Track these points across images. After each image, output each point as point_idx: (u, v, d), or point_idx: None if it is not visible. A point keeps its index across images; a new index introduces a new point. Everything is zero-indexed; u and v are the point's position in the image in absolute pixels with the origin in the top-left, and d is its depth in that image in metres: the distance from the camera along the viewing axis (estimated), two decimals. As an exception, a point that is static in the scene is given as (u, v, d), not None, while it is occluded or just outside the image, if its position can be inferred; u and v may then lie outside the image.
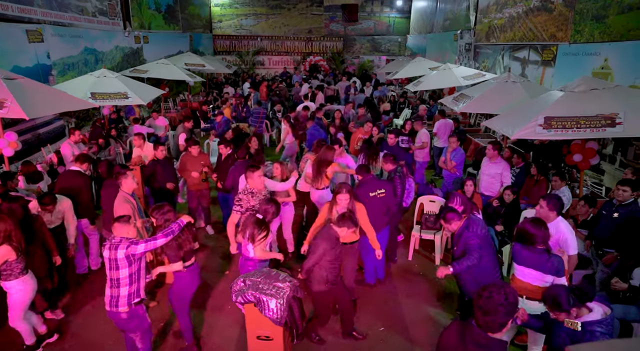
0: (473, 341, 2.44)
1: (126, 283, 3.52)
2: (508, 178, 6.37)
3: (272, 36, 23.71)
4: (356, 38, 24.03)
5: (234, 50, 23.53)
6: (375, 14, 23.68)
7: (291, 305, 3.53)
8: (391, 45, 24.08)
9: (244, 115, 11.36)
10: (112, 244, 3.50)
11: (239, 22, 23.58)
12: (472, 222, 4.05)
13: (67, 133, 9.58)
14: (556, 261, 3.61)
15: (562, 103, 5.32)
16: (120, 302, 3.54)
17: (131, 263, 3.51)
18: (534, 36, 10.34)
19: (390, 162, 5.80)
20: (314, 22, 23.75)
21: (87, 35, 11.28)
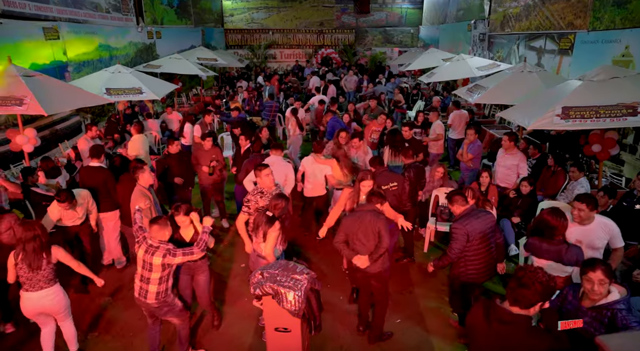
0: (497, 319, 2.49)
1: (156, 283, 3.66)
2: (525, 169, 6.29)
3: (284, 29, 23.63)
4: (368, 30, 23.83)
5: (246, 44, 23.52)
6: (387, 5, 23.43)
7: (309, 297, 3.55)
8: (403, 36, 23.83)
9: (257, 109, 11.37)
10: (150, 248, 3.62)
11: (250, 16, 23.55)
12: (470, 213, 4.01)
13: (84, 129, 9.72)
14: (575, 251, 3.57)
15: (581, 93, 5.22)
16: (148, 296, 3.68)
17: (165, 269, 3.65)
18: (550, 24, 10.13)
19: (408, 155, 5.77)
20: (325, 15, 23.60)
21: (102, 32, 11.38)
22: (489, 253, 4.04)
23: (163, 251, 3.60)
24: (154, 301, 3.69)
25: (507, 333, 2.44)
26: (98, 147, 5.72)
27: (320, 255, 6.02)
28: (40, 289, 3.76)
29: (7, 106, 5.64)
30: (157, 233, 3.66)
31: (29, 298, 3.78)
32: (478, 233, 3.93)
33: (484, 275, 4.11)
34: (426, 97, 13.80)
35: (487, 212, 4.21)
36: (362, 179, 4.48)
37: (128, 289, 5.33)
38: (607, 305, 2.83)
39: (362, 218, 3.95)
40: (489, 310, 2.55)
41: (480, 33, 14.73)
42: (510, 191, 6.16)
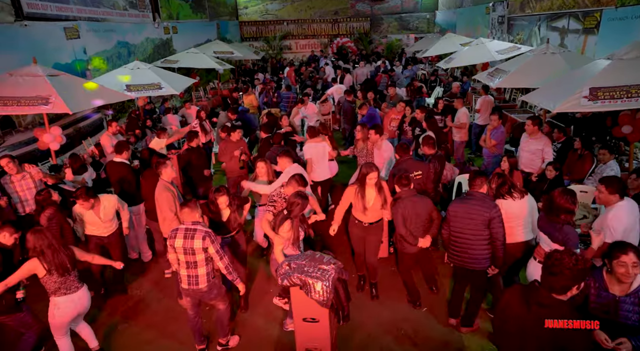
0: (537, 302, 2.50)
1: (203, 264, 3.78)
2: (550, 153, 6.14)
3: (298, 20, 23.50)
4: (383, 17, 23.49)
5: (261, 36, 23.49)
6: (402, -10, 23.03)
7: (337, 287, 3.55)
8: (419, 22, 23.42)
9: (275, 100, 11.38)
10: (188, 231, 3.72)
11: (264, 8, 23.47)
12: (475, 197, 3.98)
13: (105, 126, 9.89)
14: (565, 232, 3.44)
15: (610, 72, 5.05)
16: (200, 280, 3.80)
17: (206, 251, 3.75)
18: (574, 3, 9.79)
19: (430, 145, 5.68)
20: (339, 3, 23.34)
21: (120, 29, 11.52)
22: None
23: (202, 233, 3.71)
24: (205, 284, 3.81)
25: (547, 316, 2.44)
26: (122, 143, 5.83)
27: (336, 243, 6.01)
28: (77, 289, 3.83)
29: (34, 106, 5.78)
30: (188, 215, 3.79)
31: (70, 300, 3.79)
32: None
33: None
34: (444, 83, 13.58)
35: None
36: (367, 173, 4.42)
37: (154, 282, 5.45)
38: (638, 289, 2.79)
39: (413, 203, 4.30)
40: (529, 294, 2.57)
41: (499, 15, 14.37)
42: (533, 176, 6.03)
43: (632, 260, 2.74)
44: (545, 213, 3.64)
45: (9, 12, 7.81)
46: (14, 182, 5.44)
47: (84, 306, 3.94)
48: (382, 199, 4.51)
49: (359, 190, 4.51)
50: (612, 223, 3.61)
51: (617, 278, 2.84)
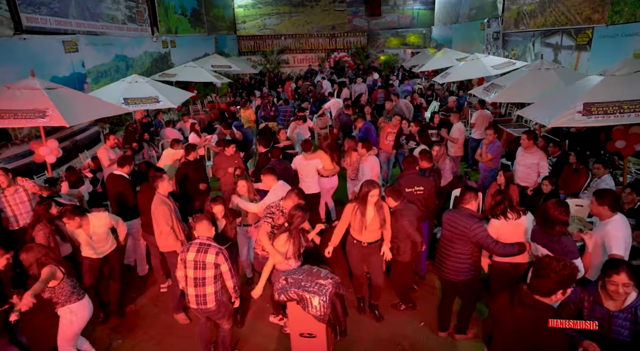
0: (519, 302, 2.59)
1: (211, 282, 3.71)
2: (545, 167, 6.18)
3: (296, 34, 23.76)
4: (380, 32, 23.79)
5: (259, 50, 23.71)
6: (399, 6, 23.37)
7: (334, 302, 3.53)
8: (416, 37, 23.72)
9: (272, 114, 11.43)
10: (202, 246, 3.70)
11: (262, 22, 23.73)
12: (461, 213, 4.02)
13: (102, 139, 9.89)
14: (564, 244, 3.45)
15: (603, 88, 5.11)
16: (208, 300, 3.73)
17: (217, 267, 3.71)
18: (567, 20, 9.96)
19: (427, 159, 5.69)
20: (337, 18, 23.65)
21: (118, 43, 11.60)
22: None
23: (216, 249, 3.70)
24: (213, 303, 3.75)
25: (527, 316, 2.53)
26: (126, 158, 5.82)
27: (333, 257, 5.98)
28: (85, 293, 3.89)
29: (31, 119, 5.78)
30: (203, 230, 3.78)
31: (83, 304, 3.84)
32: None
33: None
34: (440, 98, 13.70)
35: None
36: (369, 190, 4.25)
37: (150, 296, 5.40)
38: (634, 304, 2.82)
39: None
40: (513, 293, 2.67)
41: (494, 31, 14.59)
42: (529, 190, 6.06)
43: (623, 281, 2.76)
44: (541, 226, 3.65)
45: (8, 26, 7.86)
46: (7, 196, 5.37)
47: (92, 311, 3.95)
48: (382, 219, 4.35)
49: (359, 207, 4.34)
50: (615, 234, 3.59)
51: (609, 294, 2.86)
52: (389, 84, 15.16)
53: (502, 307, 2.74)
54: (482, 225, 3.92)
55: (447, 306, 4.40)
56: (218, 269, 3.71)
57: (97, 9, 10.69)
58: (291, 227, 4.04)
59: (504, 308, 2.72)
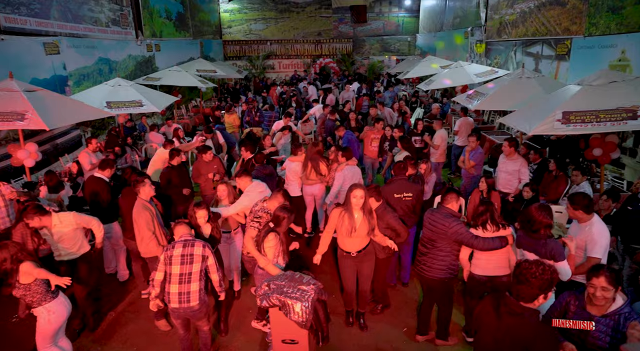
0: (508, 311, 2.58)
1: (197, 279, 3.77)
2: (526, 174, 6.29)
3: (282, 40, 23.81)
4: (365, 39, 24.00)
5: (244, 55, 23.68)
6: (384, 14, 23.64)
7: (316, 308, 3.52)
8: (401, 44, 24.00)
9: (257, 119, 11.41)
10: (187, 241, 3.80)
11: (248, 27, 23.74)
12: (441, 212, 4.08)
13: (84, 143, 9.73)
14: (551, 246, 3.54)
15: (581, 97, 5.24)
16: (192, 298, 3.75)
17: (204, 260, 3.81)
18: (547, 31, 10.20)
19: (410, 165, 5.74)
20: (322, 25, 23.79)
21: (101, 45, 11.45)
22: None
23: (201, 243, 3.82)
24: (197, 302, 3.77)
25: (517, 324, 2.54)
26: (108, 161, 5.73)
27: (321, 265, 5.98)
28: (58, 292, 3.83)
29: (9, 121, 5.65)
30: (183, 230, 3.90)
31: (60, 301, 3.82)
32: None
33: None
34: (425, 105, 13.85)
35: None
36: (351, 191, 4.11)
37: (130, 302, 5.31)
38: (619, 311, 2.84)
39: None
40: (500, 302, 2.66)
41: (477, 40, 14.84)
42: (510, 196, 6.16)
43: (602, 284, 2.81)
44: (526, 231, 3.71)
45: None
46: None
47: (70, 307, 3.90)
48: (370, 224, 4.18)
49: (345, 211, 4.18)
50: (598, 240, 3.71)
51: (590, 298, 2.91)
52: (375, 91, 15.28)
53: (487, 318, 2.71)
54: (461, 223, 3.97)
55: (427, 310, 4.43)
56: (205, 262, 3.79)
57: (79, 11, 10.55)
58: (278, 229, 4.02)
59: (489, 319, 2.70)
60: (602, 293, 2.83)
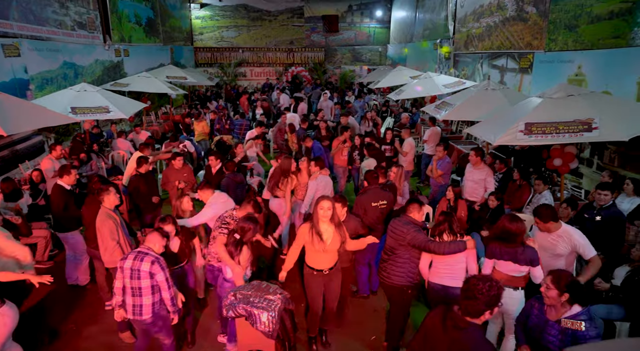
0: (453, 325, 2.62)
1: (149, 293, 3.61)
2: (491, 183, 6.48)
3: (254, 48, 23.77)
4: (337, 48, 24.26)
5: (216, 62, 23.50)
6: (356, 24, 23.98)
7: (283, 318, 3.50)
8: (372, 54, 24.38)
9: (227, 127, 11.32)
10: (139, 254, 3.62)
11: (220, 34, 23.59)
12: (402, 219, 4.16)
13: (47, 149, 9.39)
14: (529, 252, 3.71)
15: (541, 110, 5.45)
16: (144, 311, 3.63)
17: (152, 277, 3.61)
18: (510, 44, 10.60)
19: (381, 174, 5.82)
20: (295, 34, 23.91)
21: (66, 49, 11.12)
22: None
23: (152, 258, 3.62)
24: (149, 315, 3.63)
25: (461, 339, 2.58)
26: (65, 167, 5.55)
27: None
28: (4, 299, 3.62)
29: (-37, 126, 5.40)
30: (151, 241, 3.74)
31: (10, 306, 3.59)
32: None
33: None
34: (395, 114, 14.08)
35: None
36: (317, 203, 3.97)
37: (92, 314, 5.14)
38: (571, 317, 2.94)
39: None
40: (447, 315, 2.70)
41: (439, 41, 15.23)
42: (476, 205, 6.32)
43: (547, 282, 3.01)
44: (502, 242, 3.80)
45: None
46: None
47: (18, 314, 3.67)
48: (342, 237, 4.01)
49: (314, 226, 3.94)
50: (582, 241, 3.97)
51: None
52: (346, 101, 15.41)
53: (433, 330, 2.75)
54: (421, 229, 4.04)
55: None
56: (154, 279, 3.62)
57: (42, 13, 10.22)
58: (244, 239, 3.97)
59: (435, 331, 2.73)
60: (545, 290, 3.00)
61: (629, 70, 6.59)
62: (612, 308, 4.12)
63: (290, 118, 11.45)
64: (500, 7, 11.10)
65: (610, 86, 6.93)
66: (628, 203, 5.37)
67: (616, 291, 4.17)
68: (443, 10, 15.37)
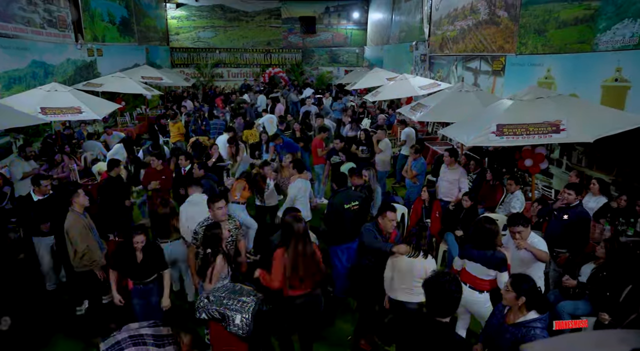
0: (424, 325, 2.72)
1: None
2: (465, 184, 6.59)
3: (231, 48, 23.58)
4: (315, 50, 24.31)
5: (192, 63, 23.21)
6: (333, 26, 24.07)
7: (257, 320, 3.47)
8: (349, 56, 24.51)
9: (203, 129, 11.20)
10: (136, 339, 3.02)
11: (196, 35, 23.31)
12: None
13: (15, 150, 9.09)
14: (499, 257, 3.79)
15: (512, 111, 5.59)
16: None
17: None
18: (484, 47, 10.83)
19: (357, 175, 5.84)
20: (272, 35, 23.84)
21: (35, 48, 10.79)
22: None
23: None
24: None
25: (432, 337, 2.67)
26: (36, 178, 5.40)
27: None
28: None
29: None
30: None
31: None
32: None
33: None
34: (372, 115, 14.19)
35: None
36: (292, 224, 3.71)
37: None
38: (525, 323, 2.98)
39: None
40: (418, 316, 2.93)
41: (422, 54, 15.46)
42: (450, 205, 6.42)
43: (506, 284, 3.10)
44: (477, 243, 3.89)
45: None
46: None
47: None
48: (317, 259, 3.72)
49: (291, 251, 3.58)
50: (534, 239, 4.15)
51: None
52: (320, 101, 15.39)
53: (407, 332, 2.84)
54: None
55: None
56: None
57: (8, 10, 9.87)
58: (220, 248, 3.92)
59: (408, 331, 2.84)
60: (504, 293, 3.08)
61: (594, 74, 6.82)
62: (578, 304, 4.26)
63: (268, 119, 11.43)
64: (474, 11, 11.33)
65: (578, 89, 7.16)
66: (594, 202, 5.56)
67: (583, 288, 4.31)
68: (418, 12, 15.58)
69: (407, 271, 3.89)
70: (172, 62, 22.99)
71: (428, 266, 3.88)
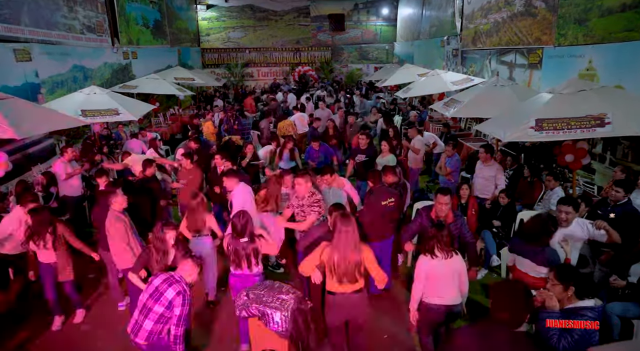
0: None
1: (154, 319, 3.37)
2: (502, 180, 6.42)
3: (260, 48, 23.81)
4: (344, 47, 24.22)
5: (223, 63, 23.59)
6: (362, 22, 23.92)
7: (296, 317, 3.49)
8: (379, 53, 24.30)
9: (236, 128, 11.34)
10: (171, 278, 3.39)
11: (226, 35, 23.67)
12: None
13: (59, 152, 9.49)
14: (548, 253, 3.66)
15: (552, 105, 5.39)
16: (140, 334, 3.39)
17: (169, 308, 3.37)
18: (519, 40, 10.49)
19: (392, 173, 5.77)
20: (301, 33, 23.92)
21: (75, 53, 11.23)
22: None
23: (179, 288, 3.37)
24: (143, 340, 3.39)
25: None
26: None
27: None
28: None
29: (-23, 131, 5.46)
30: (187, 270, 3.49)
31: None
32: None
33: None
34: (403, 112, 14.02)
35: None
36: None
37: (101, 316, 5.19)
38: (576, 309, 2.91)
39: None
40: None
41: (454, 48, 15.15)
42: (487, 202, 6.27)
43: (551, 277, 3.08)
44: (526, 241, 3.83)
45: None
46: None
47: None
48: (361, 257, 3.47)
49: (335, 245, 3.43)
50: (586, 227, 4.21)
51: None
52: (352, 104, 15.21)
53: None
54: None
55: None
56: (170, 310, 3.36)
57: (52, 18, 10.32)
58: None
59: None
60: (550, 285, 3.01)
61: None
62: (628, 305, 4.06)
63: (298, 118, 11.46)
64: (508, 3, 11.00)
65: (624, 81, 6.82)
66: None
67: (633, 289, 4.11)
68: (450, 7, 15.26)
69: (443, 273, 3.63)
70: (203, 63, 23.44)
71: (456, 266, 3.64)
